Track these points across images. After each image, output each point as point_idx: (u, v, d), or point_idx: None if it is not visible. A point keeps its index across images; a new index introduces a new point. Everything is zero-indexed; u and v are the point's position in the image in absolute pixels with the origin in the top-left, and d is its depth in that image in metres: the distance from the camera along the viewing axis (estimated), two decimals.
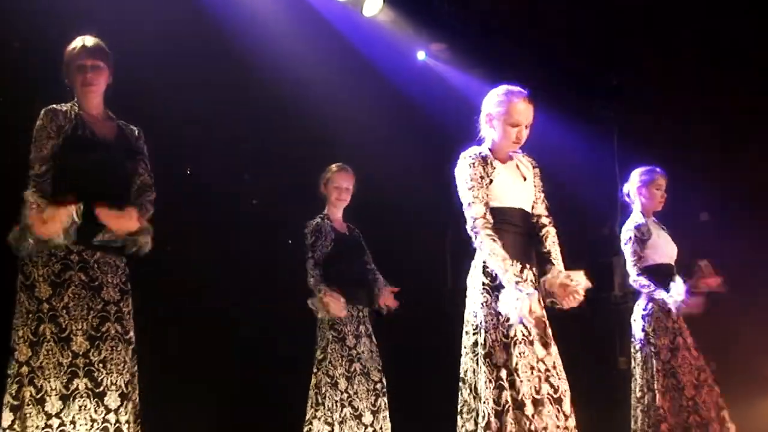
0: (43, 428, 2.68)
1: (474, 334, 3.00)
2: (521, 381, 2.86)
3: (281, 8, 4.92)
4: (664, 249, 4.33)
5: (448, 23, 5.59)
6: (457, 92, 5.79)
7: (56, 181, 2.84)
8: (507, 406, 2.83)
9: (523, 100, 3.05)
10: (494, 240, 2.91)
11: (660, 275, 4.25)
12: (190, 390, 4.22)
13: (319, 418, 3.84)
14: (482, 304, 2.97)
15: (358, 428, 3.88)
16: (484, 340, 2.92)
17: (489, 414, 2.84)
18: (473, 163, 3.02)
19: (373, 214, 4.64)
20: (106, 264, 2.90)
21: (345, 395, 3.89)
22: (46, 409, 2.69)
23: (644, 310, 4.26)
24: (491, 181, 3.03)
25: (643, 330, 4.24)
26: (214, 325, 4.46)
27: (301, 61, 4.83)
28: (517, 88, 3.09)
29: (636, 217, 4.37)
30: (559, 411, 2.88)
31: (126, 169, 3.02)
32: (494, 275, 2.95)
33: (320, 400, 3.87)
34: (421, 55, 6.00)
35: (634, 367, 4.29)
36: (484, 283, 2.99)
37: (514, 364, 2.87)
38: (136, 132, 3.13)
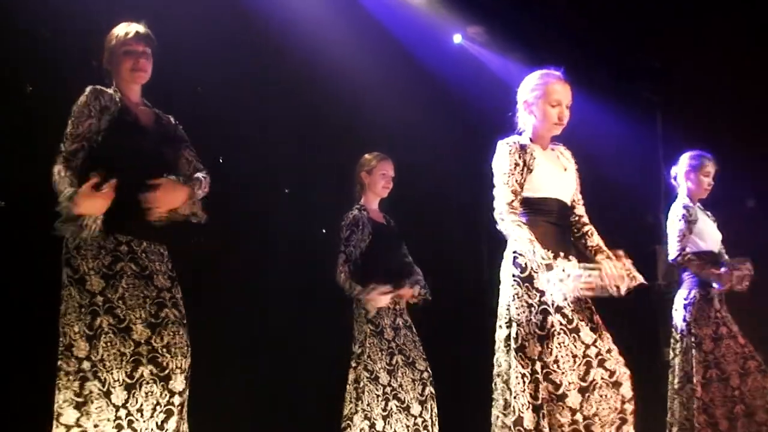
0: (114, 420, 2.67)
1: (507, 327, 2.96)
2: (562, 372, 2.81)
3: None
4: (710, 236, 4.29)
5: (486, 5, 5.48)
6: (494, 77, 5.70)
7: (92, 163, 2.77)
8: (544, 400, 2.79)
9: (559, 80, 3.03)
10: (519, 225, 2.88)
11: (704, 262, 4.20)
12: (220, 386, 4.18)
13: (359, 414, 3.75)
14: (513, 296, 2.93)
15: (407, 420, 3.81)
16: (516, 334, 2.88)
17: (521, 409, 2.81)
18: (511, 151, 2.98)
19: (407, 203, 4.56)
20: (153, 253, 2.90)
21: (388, 389, 3.80)
22: (113, 401, 2.67)
23: (686, 299, 4.22)
24: (530, 170, 2.98)
25: (685, 320, 4.19)
26: (245, 321, 4.41)
27: (333, 45, 4.74)
28: (550, 70, 3.06)
29: (683, 200, 4.34)
30: (617, 394, 2.81)
31: (163, 157, 2.98)
32: (524, 266, 2.92)
33: (359, 395, 3.77)
34: (457, 39, 5.88)
35: (673, 358, 4.25)
36: (514, 275, 2.95)
37: (553, 357, 2.82)
38: (173, 120, 3.11)
